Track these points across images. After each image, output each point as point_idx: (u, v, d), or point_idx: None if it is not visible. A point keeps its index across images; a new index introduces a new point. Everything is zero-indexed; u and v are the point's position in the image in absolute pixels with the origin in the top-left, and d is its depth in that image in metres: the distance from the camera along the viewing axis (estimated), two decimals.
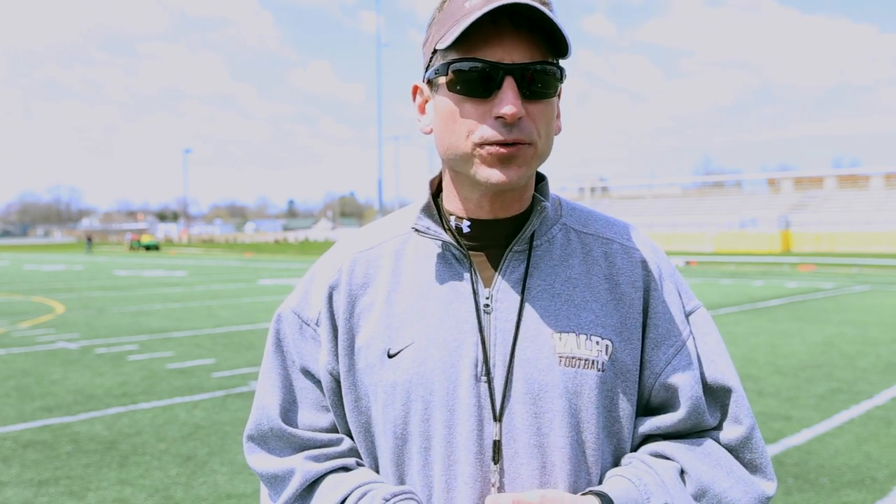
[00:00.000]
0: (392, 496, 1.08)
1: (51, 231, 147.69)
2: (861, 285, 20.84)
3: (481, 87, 1.05)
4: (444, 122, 1.10)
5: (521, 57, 1.05)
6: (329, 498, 1.13)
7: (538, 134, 1.08)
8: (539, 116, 1.07)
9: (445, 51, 1.08)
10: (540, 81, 1.06)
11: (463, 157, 1.09)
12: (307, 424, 1.21)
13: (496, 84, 1.04)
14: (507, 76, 1.04)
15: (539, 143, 1.09)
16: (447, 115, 1.09)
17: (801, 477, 4.97)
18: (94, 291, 20.40)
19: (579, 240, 1.20)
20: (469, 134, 1.07)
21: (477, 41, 1.05)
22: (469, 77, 1.06)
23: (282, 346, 1.24)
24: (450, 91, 1.08)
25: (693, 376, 1.15)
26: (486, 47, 1.05)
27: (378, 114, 56.34)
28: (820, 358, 9.35)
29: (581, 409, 1.11)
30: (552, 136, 1.12)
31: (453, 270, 1.16)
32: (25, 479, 4.96)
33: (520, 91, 1.05)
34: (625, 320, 1.15)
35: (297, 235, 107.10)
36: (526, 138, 1.06)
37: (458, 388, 1.10)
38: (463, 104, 1.07)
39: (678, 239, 51.78)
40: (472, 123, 1.07)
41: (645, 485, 1.07)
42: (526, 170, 1.08)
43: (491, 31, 1.05)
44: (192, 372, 8.56)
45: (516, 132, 1.05)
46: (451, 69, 1.07)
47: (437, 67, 1.10)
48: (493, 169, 1.07)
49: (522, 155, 1.07)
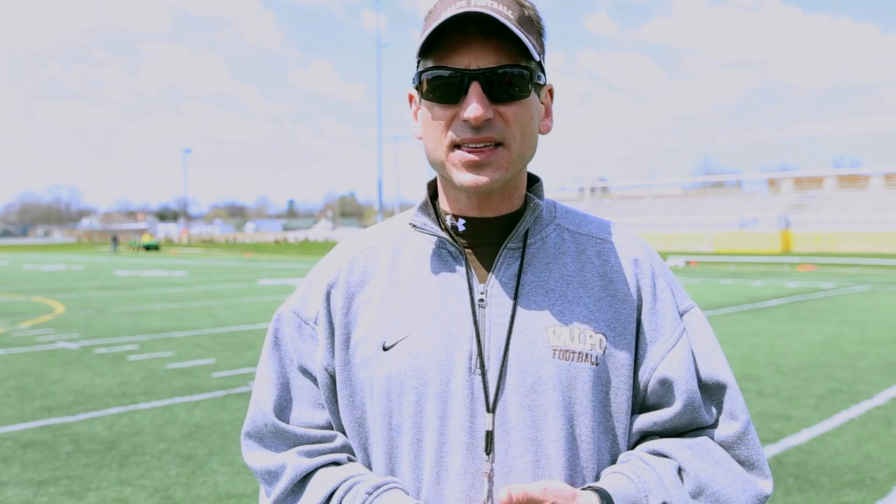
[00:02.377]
0: (375, 488, 1.11)
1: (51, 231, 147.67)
2: (861, 285, 20.85)
3: (449, 93, 1.11)
4: (424, 128, 1.16)
5: (488, 62, 1.09)
6: (318, 492, 1.15)
7: (512, 136, 1.11)
8: (512, 118, 1.11)
9: (423, 60, 1.13)
10: (508, 84, 1.09)
11: (440, 163, 1.14)
12: (302, 421, 1.23)
13: (463, 90, 1.09)
14: (473, 81, 1.09)
15: (514, 144, 1.12)
16: (426, 121, 1.15)
17: (801, 477, 4.98)
18: (94, 291, 20.41)
19: (573, 239, 1.23)
20: (442, 138, 1.12)
21: (446, 49, 1.10)
22: (438, 84, 1.11)
23: (280, 345, 1.27)
24: (424, 98, 1.14)
25: (688, 370, 1.17)
26: (455, 55, 1.10)
27: (378, 114, 56.46)
28: (820, 358, 9.35)
29: (575, 402, 1.12)
30: (531, 136, 1.15)
31: (449, 266, 1.19)
32: (25, 479, 4.97)
33: (488, 95, 1.09)
34: (618, 316, 1.17)
35: (297, 235, 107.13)
36: (496, 137, 1.10)
37: (451, 380, 1.12)
38: (435, 110, 1.13)
39: (678, 239, 51.79)
40: (444, 128, 1.12)
41: (643, 482, 1.08)
42: (503, 172, 1.12)
43: (459, 38, 1.09)
44: (192, 372, 8.57)
45: (485, 132, 1.10)
46: (424, 77, 1.12)
47: (413, 76, 1.15)
48: (466, 173, 1.11)
49: (496, 158, 1.11)
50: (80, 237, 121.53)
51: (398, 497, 1.10)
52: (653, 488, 1.07)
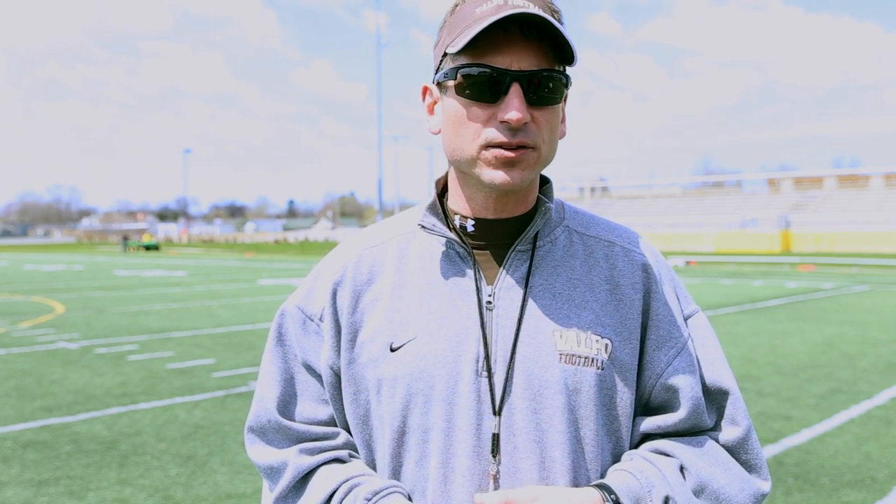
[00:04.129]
0: (373, 494, 1.11)
1: (51, 231, 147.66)
2: (861, 285, 20.85)
3: (489, 92, 1.08)
4: (451, 124, 1.13)
5: (529, 64, 1.08)
6: (319, 491, 1.15)
7: (542, 139, 1.11)
8: (544, 122, 1.10)
9: (455, 55, 1.11)
10: (546, 88, 1.09)
11: (469, 160, 1.12)
12: (306, 417, 1.23)
13: (503, 90, 1.08)
14: (514, 83, 1.07)
15: (543, 148, 1.11)
16: (455, 117, 1.12)
17: (801, 477, 4.98)
18: (94, 291, 20.40)
19: (582, 242, 1.22)
20: (475, 137, 1.10)
21: (486, 47, 1.08)
22: (477, 82, 1.09)
23: (283, 340, 1.26)
24: (458, 94, 1.11)
25: (693, 377, 1.18)
26: (495, 54, 1.07)
27: (378, 114, 56.46)
28: (820, 358, 9.35)
29: (580, 405, 1.13)
30: (556, 141, 1.15)
31: (457, 268, 1.19)
32: (25, 479, 4.96)
33: (526, 97, 1.08)
34: (624, 320, 1.17)
35: (297, 235, 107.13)
36: (530, 142, 1.09)
37: (458, 382, 1.12)
38: (470, 107, 1.10)
39: (678, 239, 51.79)
40: (479, 127, 1.10)
41: (647, 477, 1.09)
42: (529, 173, 1.11)
43: (500, 38, 1.07)
44: (192, 372, 8.56)
45: (521, 136, 1.08)
46: (461, 73, 1.10)
47: (446, 71, 1.13)
48: (497, 171, 1.10)
49: (526, 159, 1.10)
50: (80, 237, 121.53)
51: (397, 502, 1.10)
52: (656, 483, 1.08)
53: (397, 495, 1.11)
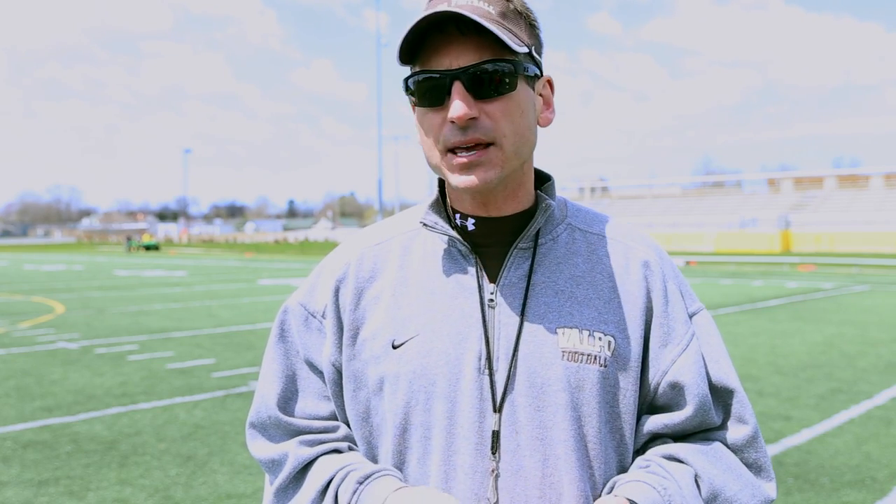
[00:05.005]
0: (365, 477, 1.11)
1: (51, 231, 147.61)
2: (861, 285, 20.85)
3: (434, 97, 1.09)
4: (419, 135, 1.15)
5: (468, 60, 1.07)
6: (317, 480, 1.16)
7: (502, 133, 1.09)
8: (499, 114, 1.09)
9: (412, 66, 1.12)
10: (491, 80, 1.08)
11: (437, 167, 1.13)
12: (307, 413, 1.23)
13: (446, 91, 1.07)
14: (455, 81, 1.07)
15: (506, 142, 1.10)
16: (420, 128, 1.15)
17: (801, 477, 4.98)
18: (94, 291, 20.40)
19: (584, 239, 1.22)
20: (436, 143, 1.11)
21: (429, 53, 1.09)
22: (422, 88, 1.10)
23: (286, 337, 1.27)
24: (417, 105, 1.13)
25: (699, 374, 1.17)
26: (437, 56, 1.08)
27: (378, 114, 56.47)
28: (820, 358, 9.36)
29: (583, 403, 1.13)
30: (526, 130, 1.13)
31: (459, 265, 1.18)
32: (25, 479, 4.96)
33: (473, 93, 1.07)
34: (627, 317, 1.17)
35: (297, 235, 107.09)
36: (484, 138, 1.08)
37: (460, 380, 1.12)
38: (425, 115, 1.12)
39: (678, 239, 51.79)
40: (437, 132, 1.11)
41: (669, 494, 1.09)
42: (497, 171, 1.10)
43: (439, 40, 1.08)
44: (192, 372, 8.56)
45: (472, 133, 1.08)
46: (409, 84, 1.11)
47: (404, 86, 1.14)
48: (461, 175, 1.10)
49: (486, 158, 1.09)
50: (80, 237, 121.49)
51: (388, 483, 1.10)
52: (677, 500, 1.09)
53: (389, 477, 1.12)
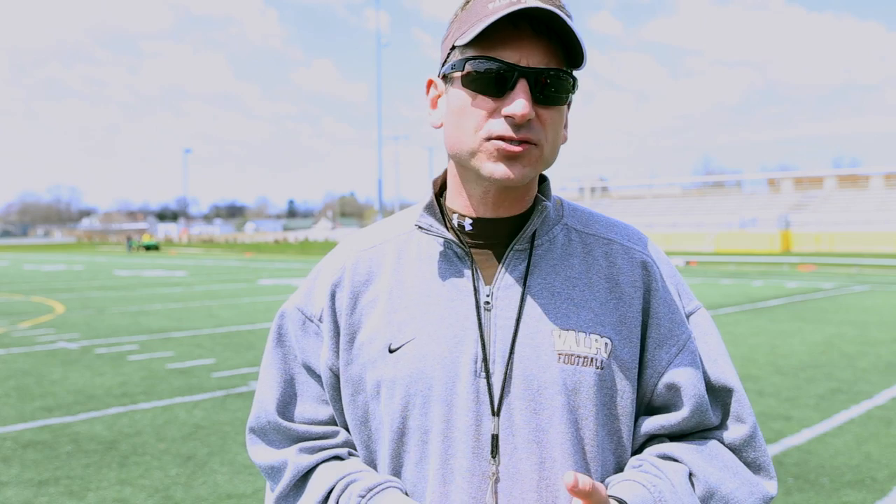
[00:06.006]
0: (367, 490, 1.11)
1: (51, 231, 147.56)
2: (861, 285, 20.85)
3: (495, 86, 1.08)
4: (454, 116, 1.12)
5: (537, 62, 1.07)
6: (318, 489, 1.15)
7: (546, 139, 1.10)
8: (548, 121, 1.10)
9: (464, 48, 1.10)
10: (553, 88, 1.08)
11: (469, 151, 1.11)
12: (305, 418, 1.23)
13: (510, 85, 1.07)
14: (522, 78, 1.06)
15: (546, 147, 1.11)
16: (458, 109, 1.11)
17: (801, 477, 4.98)
18: (94, 291, 20.40)
19: (580, 240, 1.21)
20: (477, 129, 1.09)
21: (496, 41, 1.07)
22: (484, 75, 1.08)
23: (283, 341, 1.27)
24: (464, 86, 1.10)
25: (696, 375, 1.17)
26: (504, 48, 1.07)
27: (378, 114, 56.48)
28: (820, 358, 9.35)
29: (580, 405, 1.12)
30: (558, 143, 1.14)
31: (455, 268, 1.18)
32: (25, 479, 4.96)
33: (532, 94, 1.07)
34: (624, 319, 1.16)
35: (297, 235, 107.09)
36: (534, 138, 1.08)
37: (457, 383, 1.12)
38: (475, 100, 1.09)
39: (678, 239, 51.78)
40: (482, 119, 1.09)
41: (660, 492, 1.08)
42: (531, 170, 1.10)
43: (511, 33, 1.07)
44: (192, 372, 8.56)
45: (524, 132, 1.08)
46: (468, 65, 1.09)
47: (453, 63, 1.12)
48: (498, 164, 1.09)
49: (529, 155, 1.09)
50: (80, 237, 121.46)
51: (393, 497, 1.10)
52: (668, 498, 1.08)
53: (392, 490, 1.11)
